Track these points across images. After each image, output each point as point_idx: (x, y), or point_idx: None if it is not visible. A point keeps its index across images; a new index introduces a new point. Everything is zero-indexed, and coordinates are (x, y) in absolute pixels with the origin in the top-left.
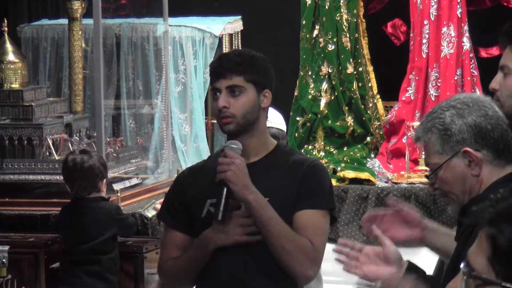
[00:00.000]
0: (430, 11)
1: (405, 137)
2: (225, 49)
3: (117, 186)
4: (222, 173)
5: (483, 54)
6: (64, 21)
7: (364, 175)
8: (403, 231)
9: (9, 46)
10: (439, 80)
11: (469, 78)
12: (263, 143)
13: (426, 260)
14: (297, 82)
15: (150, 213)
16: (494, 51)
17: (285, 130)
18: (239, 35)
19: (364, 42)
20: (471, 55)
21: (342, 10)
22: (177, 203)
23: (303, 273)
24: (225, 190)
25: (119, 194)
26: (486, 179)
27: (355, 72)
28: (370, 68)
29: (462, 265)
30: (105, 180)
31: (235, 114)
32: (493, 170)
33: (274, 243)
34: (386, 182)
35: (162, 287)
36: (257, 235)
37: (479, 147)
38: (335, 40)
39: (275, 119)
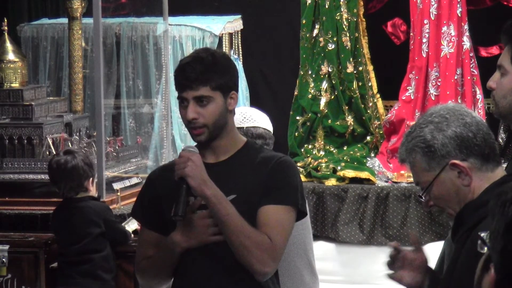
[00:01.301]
0: (430, 10)
1: None
2: (225, 48)
3: (117, 186)
4: (180, 170)
5: (483, 53)
6: (64, 20)
7: (364, 175)
8: (410, 275)
9: (9, 45)
10: (439, 80)
11: (469, 78)
12: (232, 142)
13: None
14: (297, 81)
15: (131, 228)
16: (494, 50)
17: (271, 131)
18: (239, 34)
19: (364, 42)
20: (471, 54)
21: (342, 9)
22: (149, 202)
23: (261, 269)
24: (184, 186)
25: (119, 194)
26: (478, 185)
27: (355, 72)
28: (370, 68)
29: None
30: (91, 179)
31: (206, 123)
32: (483, 175)
33: (232, 239)
34: (386, 182)
35: (141, 285)
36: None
37: (465, 156)
38: (335, 39)
39: (261, 120)
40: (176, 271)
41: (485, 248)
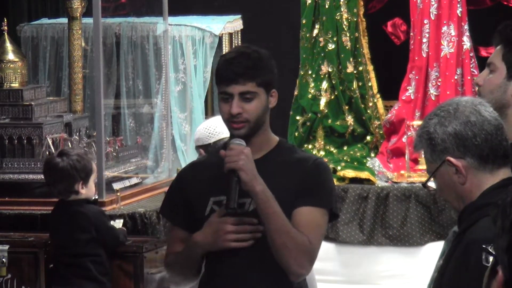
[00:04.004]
0: (430, 10)
1: (405, 136)
2: (225, 48)
3: (116, 186)
4: (233, 163)
5: (483, 53)
6: (64, 20)
7: (364, 175)
8: None
9: (9, 45)
10: (439, 80)
11: (469, 78)
12: (266, 140)
13: (425, 260)
14: (297, 81)
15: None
16: None
17: None
18: (239, 34)
19: (364, 41)
20: (471, 54)
21: (342, 9)
22: (179, 200)
23: (298, 270)
24: (236, 179)
25: (118, 194)
26: (475, 186)
27: (355, 72)
28: (370, 68)
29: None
30: (81, 182)
31: (249, 119)
32: (481, 176)
33: (275, 237)
34: (386, 182)
35: (168, 280)
36: (244, 241)
37: (461, 155)
38: (335, 39)
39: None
40: (206, 270)
41: (490, 259)
